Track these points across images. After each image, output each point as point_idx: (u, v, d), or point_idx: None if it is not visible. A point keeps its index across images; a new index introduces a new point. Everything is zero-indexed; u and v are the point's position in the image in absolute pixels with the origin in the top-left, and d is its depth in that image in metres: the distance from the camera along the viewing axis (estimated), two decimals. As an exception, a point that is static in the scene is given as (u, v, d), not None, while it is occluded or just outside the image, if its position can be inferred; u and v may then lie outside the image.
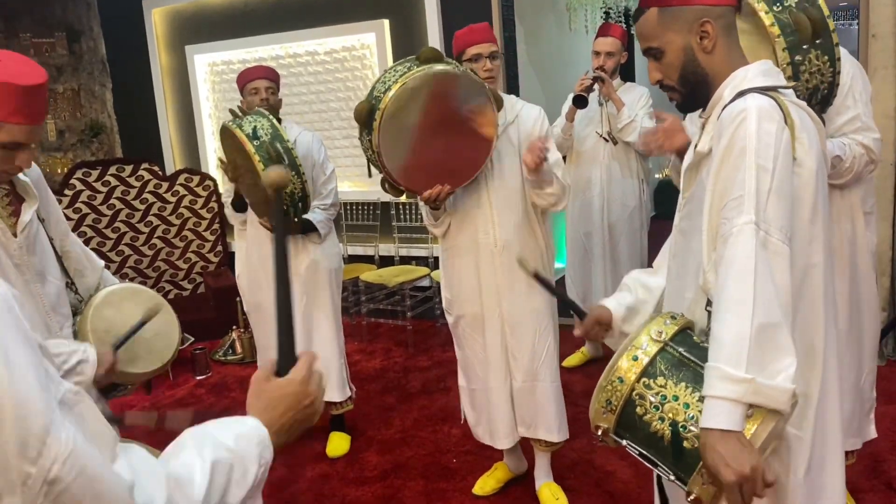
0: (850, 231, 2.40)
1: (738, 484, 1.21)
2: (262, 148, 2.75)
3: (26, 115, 1.66)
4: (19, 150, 1.71)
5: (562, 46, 6.26)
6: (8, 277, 1.78)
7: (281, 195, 1.20)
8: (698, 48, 1.46)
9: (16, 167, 1.73)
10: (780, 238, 1.30)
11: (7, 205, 1.86)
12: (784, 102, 1.39)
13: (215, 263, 5.58)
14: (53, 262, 1.96)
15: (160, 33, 5.88)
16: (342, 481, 3.14)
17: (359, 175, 5.27)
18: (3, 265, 1.79)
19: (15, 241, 1.82)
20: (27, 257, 1.85)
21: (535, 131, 2.63)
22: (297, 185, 2.84)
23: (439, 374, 4.19)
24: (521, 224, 2.64)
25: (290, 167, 2.80)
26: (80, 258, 2.13)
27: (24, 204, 1.89)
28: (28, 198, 1.90)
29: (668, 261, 1.67)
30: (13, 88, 1.62)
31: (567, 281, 4.21)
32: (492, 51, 2.59)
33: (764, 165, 1.30)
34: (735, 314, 1.25)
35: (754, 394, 1.22)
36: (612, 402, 1.37)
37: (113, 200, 5.31)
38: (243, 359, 4.65)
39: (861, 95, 2.28)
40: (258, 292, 3.31)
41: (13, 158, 1.71)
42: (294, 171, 2.81)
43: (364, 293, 5.02)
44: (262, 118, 2.86)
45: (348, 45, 5.13)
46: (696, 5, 1.45)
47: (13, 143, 1.68)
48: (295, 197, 2.86)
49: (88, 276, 2.13)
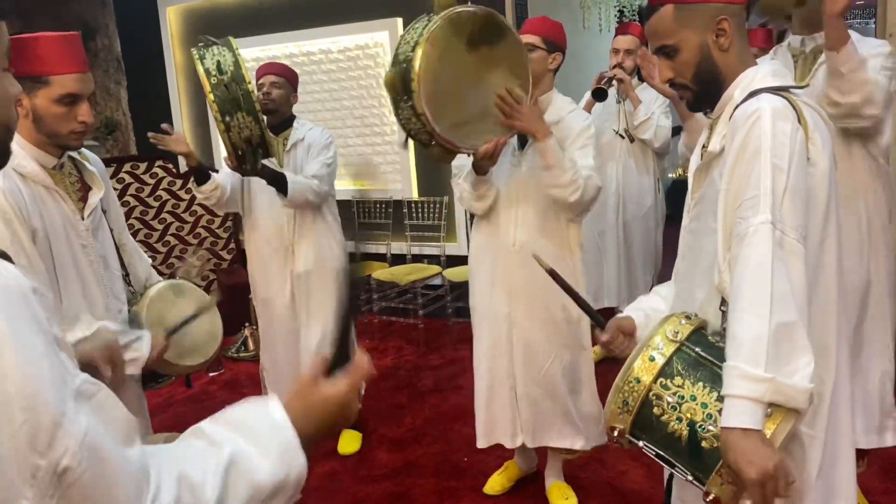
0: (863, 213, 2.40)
1: (761, 482, 1.21)
2: (219, 86, 2.59)
3: (71, 62, 1.75)
4: (77, 104, 1.80)
5: (575, 45, 6.21)
6: (75, 256, 1.90)
7: (348, 279, 1.11)
8: (714, 46, 1.46)
9: (80, 123, 1.82)
10: (796, 237, 1.30)
11: (77, 190, 1.96)
12: (797, 102, 1.38)
13: (228, 261, 5.60)
14: (113, 252, 2.07)
15: (175, 31, 5.91)
16: (353, 479, 3.15)
17: (371, 173, 5.28)
18: (71, 244, 1.90)
19: (82, 223, 1.93)
20: (92, 241, 1.96)
21: (573, 136, 2.53)
22: (254, 131, 2.65)
23: (451, 373, 4.19)
24: (542, 226, 2.58)
25: (247, 113, 2.62)
26: (133, 253, 2.24)
27: (91, 191, 2.00)
28: (95, 186, 2.02)
29: (676, 262, 1.66)
30: (51, 39, 1.72)
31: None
32: (527, 42, 2.50)
33: (779, 165, 1.30)
34: (753, 313, 1.25)
35: (774, 393, 1.22)
36: (628, 402, 1.37)
37: (127, 197, 5.35)
38: (255, 356, 4.66)
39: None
40: (267, 288, 3.32)
41: (74, 115, 1.80)
42: (252, 116, 2.63)
43: (376, 291, 5.03)
44: (227, 52, 2.66)
45: (361, 44, 5.13)
46: (713, 3, 1.45)
47: (69, 94, 1.77)
48: (253, 143, 2.68)
49: (140, 271, 2.25)
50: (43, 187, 1.85)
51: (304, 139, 3.21)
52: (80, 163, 2.02)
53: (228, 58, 2.63)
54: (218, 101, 2.58)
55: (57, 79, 1.74)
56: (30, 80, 1.72)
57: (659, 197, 3.99)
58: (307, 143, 3.20)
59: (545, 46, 2.56)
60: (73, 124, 1.81)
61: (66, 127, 1.81)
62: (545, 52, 2.56)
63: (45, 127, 1.81)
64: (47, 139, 1.84)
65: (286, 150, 3.20)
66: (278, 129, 3.23)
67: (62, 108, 1.78)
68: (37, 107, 1.78)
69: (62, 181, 1.92)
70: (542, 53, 2.55)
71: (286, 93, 3.22)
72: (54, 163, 1.90)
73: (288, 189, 2.98)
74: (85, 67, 1.80)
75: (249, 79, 2.62)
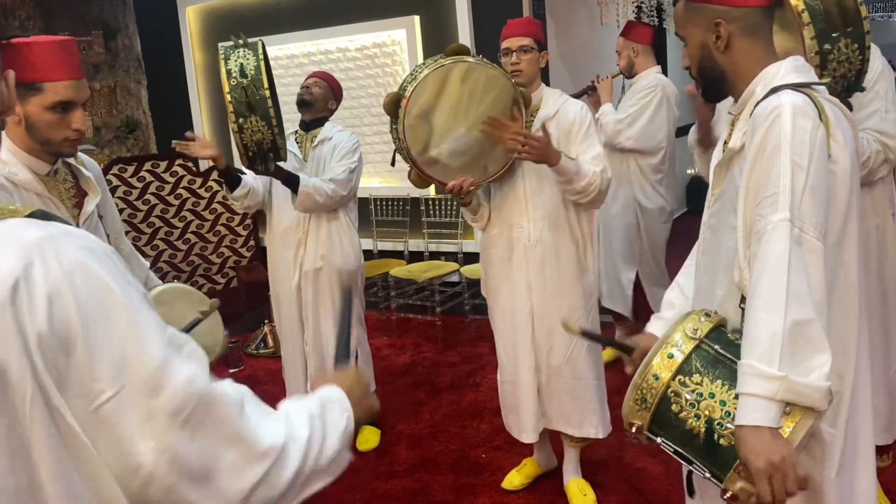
0: (878, 227, 2.37)
1: (767, 472, 1.21)
2: (237, 88, 2.68)
3: (65, 69, 1.70)
4: (71, 112, 1.75)
5: (593, 41, 6.22)
6: None
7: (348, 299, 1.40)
8: (713, 46, 1.48)
9: (73, 131, 1.78)
10: (815, 235, 1.29)
11: (71, 196, 1.93)
12: (818, 99, 1.38)
13: (248, 258, 5.65)
14: None
15: (194, 31, 5.96)
16: (372, 474, 3.17)
17: (389, 171, 5.29)
18: None
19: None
20: None
21: (575, 128, 2.59)
22: (266, 136, 2.74)
23: (469, 370, 4.20)
24: (556, 220, 2.62)
25: (261, 117, 2.72)
26: (130, 257, 2.21)
27: (87, 198, 1.96)
28: (90, 191, 1.97)
29: (697, 258, 1.66)
30: (45, 45, 1.68)
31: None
32: (521, 45, 2.57)
33: (799, 162, 1.30)
34: (768, 311, 1.25)
35: (787, 391, 1.22)
36: (646, 399, 1.37)
37: (148, 196, 5.40)
38: (275, 352, 4.70)
39: (888, 94, 2.26)
40: (277, 284, 3.38)
41: (67, 122, 1.76)
42: (265, 122, 2.72)
43: (394, 288, 5.05)
44: (252, 56, 2.74)
45: (379, 42, 5.15)
46: (712, 5, 1.46)
47: (62, 102, 1.72)
48: (264, 146, 2.77)
49: (138, 275, 2.20)
50: (36, 195, 1.82)
51: (332, 139, 3.25)
52: (76, 168, 1.98)
53: (252, 62, 2.71)
54: (234, 102, 2.66)
55: (50, 86, 1.69)
56: (22, 87, 1.66)
57: (644, 195, 3.95)
58: (333, 143, 3.23)
59: (537, 46, 2.62)
60: (66, 132, 1.77)
61: (59, 134, 1.76)
62: (537, 52, 2.62)
63: (38, 134, 1.76)
64: (40, 146, 1.79)
65: (312, 147, 3.26)
66: (310, 127, 3.29)
67: (55, 116, 1.73)
68: (29, 114, 1.72)
69: (56, 188, 1.88)
70: (535, 54, 2.61)
71: (325, 94, 3.29)
72: (47, 169, 1.85)
73: (298, 189, 3.00)
74: (79, 74, 1.75)
75: (268, 86, 2.71)
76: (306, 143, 3.27)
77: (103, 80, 5.97)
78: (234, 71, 2.68)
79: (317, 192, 3.05)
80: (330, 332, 3.30)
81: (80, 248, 0.79)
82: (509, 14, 2.98)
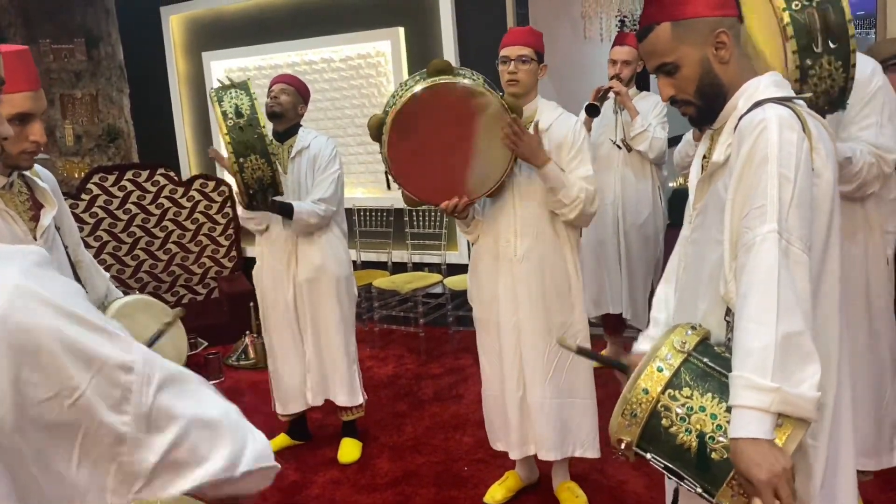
0: (868, 246, 2.38)
1: (771, 483, 1.21)
2: (234, 129, 2.77)
3: (22, 80, 1.64)
4: (29, 124, 1.70)
5: (576, 54, 6.26)
6: None
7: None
8: (715, 59, 1.47)
9: (32, 143, 1.73)
10: (801, 248, 1.30)
11: (28, 209, 1.86)
12: (801, 112, 1.39)
13: (230, 268, 5.60)
14: (69, 270, 1.96)
15: (177, 40, 5.94)
16: (353, 487, 3.14)
17: (372, 182, 5.29)
18: None
19: (35, 244, 1.81)
20: None
21: (567, 144, 2.58)
22: (266, 173, 2.85)
23: (451, 382, 4.19)
24: (544, 236, 2.61)
25: (261, 155, 2.82)
26: (90, 268, 2.15)
27: (43, 210, 1.90)
28: (47, 203, 1.91)
29: (678, 272, 1.65)
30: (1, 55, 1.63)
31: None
32: (520, 54, 2.55)
33: (786, 175, 1.31)
34: (760, 323, 1.25)
35: (781, 402, 1.22)
36: (636, 414, 1.35)
37: (129, 205, 5.36)
38: (256, 364, 4.66)
39: (884, 108, 2.25)
40: (268, 297, 3.35)
41: (25, 134, 1.70)
42: (265, 158, 2.82)
43: (377, 299, 5.03)
44: (245, 96, 2.83)
45: (363, 53, 5.15)
46: (709, 17, 1.45)
47: (20, 114, 1.67)
48: (264, 183, 2.87)
49: (98, 287, 2.15)
50: None
51: (310, 147, 3.23)
52: (31, 180, 1.91)
53: (246, 102, 2.82)
54: (233, 142, 2.76)
55: (7, 97, 1.62)
56: None
57: (660, 205, 3.99)
58: (312, 153, 3.22)
59: (536, 58, 2.60)
60: (24, 144, 1.71)
61: (16, 147, 1.70)
62: (536, 64, 2.60)
63: None
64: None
65: (290, 158, 3.23)
66: (284, 137, 3.26)
67: (14, 129, 1.64)
68: None
69: (12, 201, 1.82)
70: (534, 65, 2.59)
71: (294, 101, 3.25)
72: (2, 182, 1.79)
73: (293, 214, 3.10)
74: (36, 85, 1.69)
75: (264, 122, 2.83)
76: (283, 154, 3.24)
77: (85, 88, 5.92)
78: (229, 112, 2.77)
79: (310, 216, 3.13)
80: (335, 341, 3.29)
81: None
82: (493, 27, 2.99)
